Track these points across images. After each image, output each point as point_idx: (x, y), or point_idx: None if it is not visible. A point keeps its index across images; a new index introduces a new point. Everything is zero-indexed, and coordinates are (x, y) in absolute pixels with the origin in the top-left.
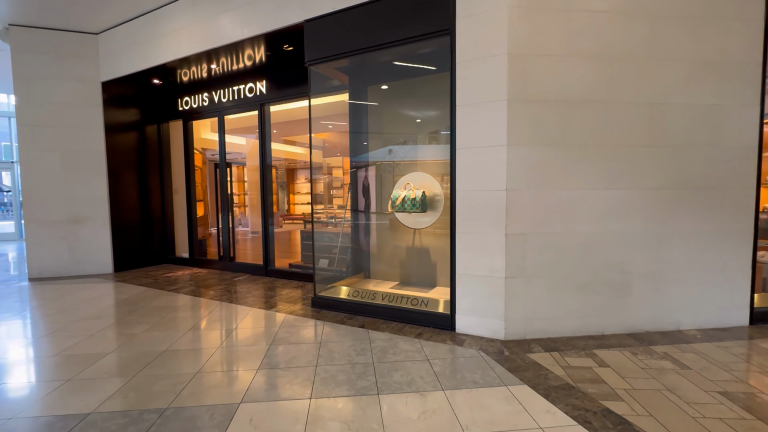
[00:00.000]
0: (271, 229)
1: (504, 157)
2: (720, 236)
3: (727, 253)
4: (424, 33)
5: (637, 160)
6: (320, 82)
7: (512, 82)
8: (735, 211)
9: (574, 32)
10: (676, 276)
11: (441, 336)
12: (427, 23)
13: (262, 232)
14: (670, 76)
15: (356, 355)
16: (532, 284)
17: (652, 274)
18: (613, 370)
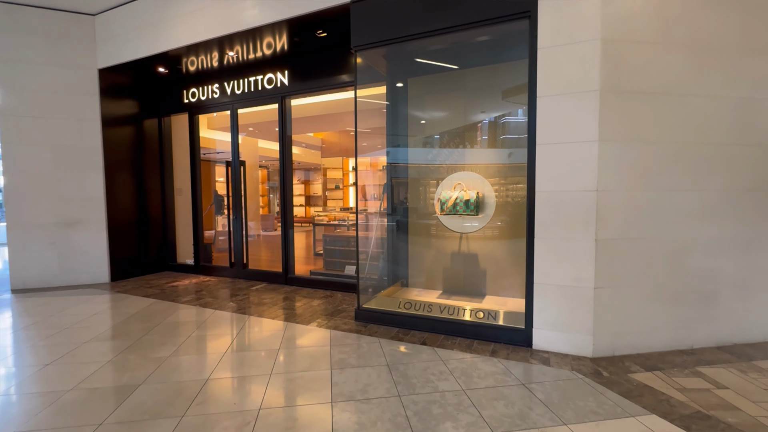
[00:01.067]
0: (291, 233)
1: (595, 154)
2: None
3: None
4: (499, 16)
5: (725, 159)
6: (365, 72)
7: (605, 71)
8: None
9: (670, 18)
10: (764, 284)
11: (519, 353)
12: (504, 5)
13: (282, 237)
14: (762, 69)
15: (438, 381)
16: (622, 295)
17: (742, 282)
18: (735, 392)
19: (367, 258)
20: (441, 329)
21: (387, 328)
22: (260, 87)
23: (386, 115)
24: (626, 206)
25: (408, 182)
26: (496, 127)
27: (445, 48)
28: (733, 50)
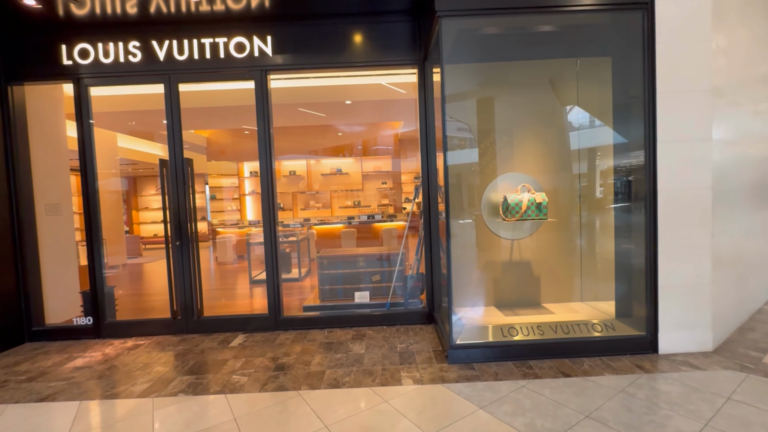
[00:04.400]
0: (275, 256)
1: (709, 152)
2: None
3: None
4: (614, 2)
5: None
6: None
7: (712, 71)
8: None
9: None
10: None
11: (659, 362)
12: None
13: (267, 262)
14: None
15: (651, 417)
16: (725, 287)
17: None
18: None
19: (409, 275)
20: (558, 351)
21: (498, 364)
22: (223, 54)
23: (442, 104)
24: (720, 201)
25: (462, 185)
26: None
27: (524, 33)
28: None
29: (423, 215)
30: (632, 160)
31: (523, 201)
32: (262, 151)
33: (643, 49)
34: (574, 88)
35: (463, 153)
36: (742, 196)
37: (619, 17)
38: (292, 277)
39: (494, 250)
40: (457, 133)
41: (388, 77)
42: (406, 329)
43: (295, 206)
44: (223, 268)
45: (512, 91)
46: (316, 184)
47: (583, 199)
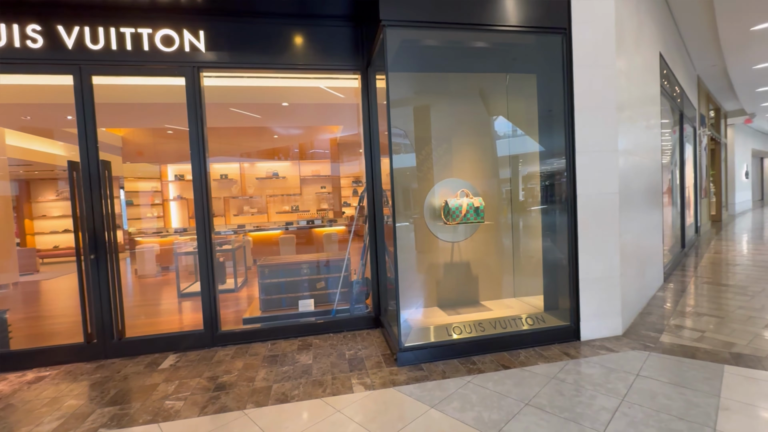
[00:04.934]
0: (211, 262)
1: (616, 162)
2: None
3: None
4: (536, 26)
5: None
6: (381, 57)
7: (617, 91)
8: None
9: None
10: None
11: (582, 348)
12: (542, 18)
13: (203, 270)
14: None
15: (579, 399)
16: (627, 277)
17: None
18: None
19: (356, 280)
20: (497, 346)
21: (445, 362)
22: (147, 47)
23: (387, 111)
24: (623, 203)
25: (405, 190)
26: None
27: (457, 47)
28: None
29: (368, 219)
30: (555, 168)
31: (463, 205)
32: (194, 153)
33: (562, 69)
34: (505, 101)
35: (406, 158)
36: (639, 199)
37: (542, 39)
38: (228, 287)
39: (436, 253)
40: (399, 140)
41: (328, 81)
42: (354, 335)
43: (227, 212)
44: (144, 282)
45: (450, 101)
46: (251, 189)
47: (514, 203)
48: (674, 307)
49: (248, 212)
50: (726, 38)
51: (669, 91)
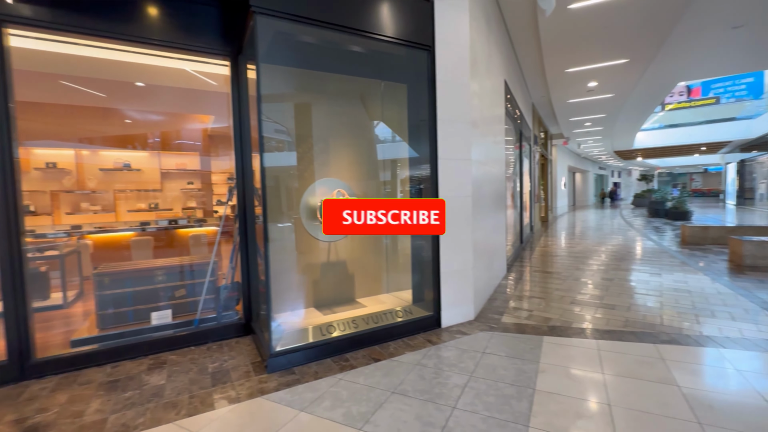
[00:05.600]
0: (41, 278)
1: (470, 168)
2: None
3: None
4: (405, 40)
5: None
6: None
7: (471, 108)
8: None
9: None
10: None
11: (442, 334)
12: (410, 33)
13: (13, 289)
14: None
15: (436, 381)
16: (477, 269)
17: (500, 250)
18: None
19: (223, 286)
20: (370, 340)
21: (318, 363)
22: None
23: (257, 105)
24: (476, 206)
25: (281, 188)
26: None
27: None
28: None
29: (238, 219)
30: (422, 172)
31: None
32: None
33: (428, 83)
34: (380, 107)
35: (281, 156)
36: (488, 202)
37: (411, 53)
38: (53, 303)
39: (313, 253)
40: (275, 135)
41: (196, 65)
42: (220, 346)
43: (56, 209)
44: None
45: (330, 102)
46: (92, 181)
47: None
48: (513, 293)
49: (88, 210)
50: (550, 75)
51: (512, 113)
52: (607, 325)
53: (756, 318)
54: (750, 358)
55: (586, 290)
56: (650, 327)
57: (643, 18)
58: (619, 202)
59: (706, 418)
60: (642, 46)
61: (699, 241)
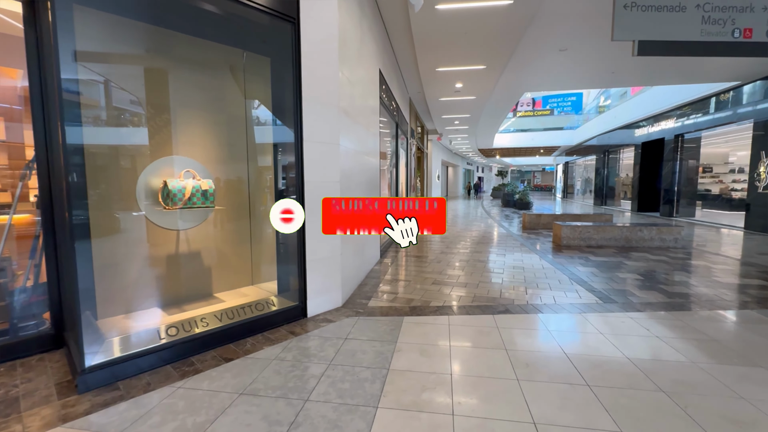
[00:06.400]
0: None
1: (338, 152)
2: None
3: None
4: (268, 7)
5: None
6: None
7: (341, 91)
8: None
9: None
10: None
11: (307, 324)
12: (273, 1)
13: None
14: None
15: (301, 375)
16: (346, 255)
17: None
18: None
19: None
20: (223, 338)
21: (153, 372)
22: None
23: (54, 52)
24: (346, 192)
25: (109, 167)
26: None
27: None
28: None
29: (41, 205)
30: (289, 156)
31: (187, 187)
32: None
33: (292, 58)
34: (242, 80)
35: (125, 131)
36: (360, 190)
37: (275, 23)
38: None
39: (158, 244)
40: (121, 106)
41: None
42: (13, 366)
43: None
44: None
45: (193, 71)
46: None
47: (253, 187)
48: (382, 277)
49: None
50: (423, 72)
51: (388, 105)
52: (459, 302)
53: (566, 287)
54: (558, 320)
55: (447, 271)
56: (492, 300)
57: (493, 31)
58: (483, 194)
59: (522, 374)
60: (495, 56)
61: (535, 226)
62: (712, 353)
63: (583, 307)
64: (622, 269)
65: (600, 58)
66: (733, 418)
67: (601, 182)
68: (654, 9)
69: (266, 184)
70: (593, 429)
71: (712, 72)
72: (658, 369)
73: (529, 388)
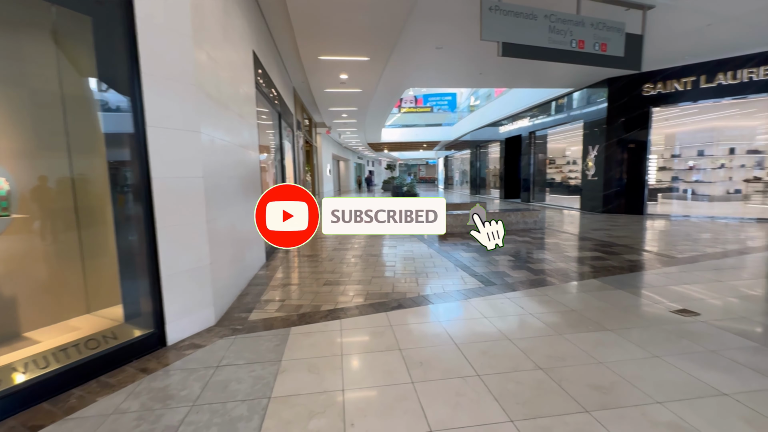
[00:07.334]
0: None
1: (199, 142)
2: None
3: None
4: None
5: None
6: None
7: (200, 69)
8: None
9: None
10: (255, 238)
11: (166, 356)
12: None
13: None
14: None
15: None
16: (219, 263)
17: (252, 236)
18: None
19: None
20: (25, 401)
21: None
22: None
23: None
24: (215, 190)
25: None
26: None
27: None
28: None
29: None
30: (127, 146)
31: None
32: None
33: (123, 18)
34: (54, 45)
35: None
36: (236, 185)
37: None
38: None
39: None
40: None
41: None
42: None
43: None
44: None
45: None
46: None
47: (80, 189)
48: (269, 283)
49: None
50: (305, 60)
51: (267, 93)
52: (352, 302)
53: (452, 274)
54: (447, 310)
55: (339, 269)
56: (385, 296)
57: (375, 21)
58: (374, 187)
59: (417, 375)
60: (378, 49)
61: None
62: (573, 323)
63: (469, 292)
64: (497, 252)
65: (470, 59)
66: (597, 384)
67: (475, 174)
68: (513, 14)
69: (100, 182)
70: (487, 424)
71: (555, 79)
72: (535, 347)
73: (424, 391)
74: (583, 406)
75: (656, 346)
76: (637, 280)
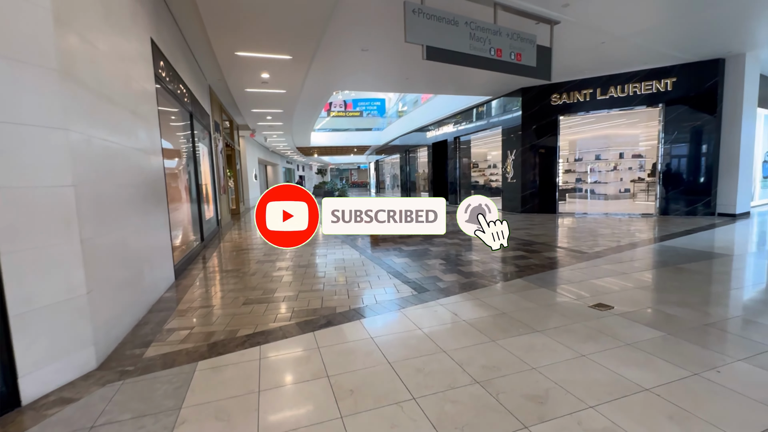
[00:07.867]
0: None
1: (67, 143)
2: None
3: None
4: None
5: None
6: None
7: (62, 46)
8: None
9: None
10: (159, 257)
11: (20, 421)
12: None
13: None
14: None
15: None
16: (105, 290)
17: (149, 257)
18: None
19: None
20: None
21: None
22: None
23: None
24: (97, 201)
25: None
26: None
27: None
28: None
29: None
30: None
31: None
32: None
33: None
34: None
35: None
36: (132, 197)
37: None
38: None
39: None
40: None
41: None
42: None
43: None
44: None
45: None
46: None
47: None
48: (176, 307)
49: None
50: (220, 55)
51: (174, 90)
52: (275, 323)
53: (385, 282)
54: (380, 323)
55: (263, 285)
56: (313, 313)
57: (294, 15)
58: None
59: (346, 408)
60: (301, 48)
61: None
62: (505, 327)
63: (402, 301)
64: (429, 255)
65: (396, 63)
66: (533, 394)
67: (405, 177)
68: (436, 18)
69: None
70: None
71: (476, 87)
72: (471, 357)
73: (355, 427)
74: (522, 422)
75: (581, 345)
76: (557, 276)
